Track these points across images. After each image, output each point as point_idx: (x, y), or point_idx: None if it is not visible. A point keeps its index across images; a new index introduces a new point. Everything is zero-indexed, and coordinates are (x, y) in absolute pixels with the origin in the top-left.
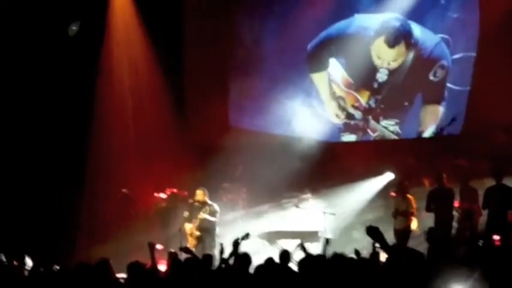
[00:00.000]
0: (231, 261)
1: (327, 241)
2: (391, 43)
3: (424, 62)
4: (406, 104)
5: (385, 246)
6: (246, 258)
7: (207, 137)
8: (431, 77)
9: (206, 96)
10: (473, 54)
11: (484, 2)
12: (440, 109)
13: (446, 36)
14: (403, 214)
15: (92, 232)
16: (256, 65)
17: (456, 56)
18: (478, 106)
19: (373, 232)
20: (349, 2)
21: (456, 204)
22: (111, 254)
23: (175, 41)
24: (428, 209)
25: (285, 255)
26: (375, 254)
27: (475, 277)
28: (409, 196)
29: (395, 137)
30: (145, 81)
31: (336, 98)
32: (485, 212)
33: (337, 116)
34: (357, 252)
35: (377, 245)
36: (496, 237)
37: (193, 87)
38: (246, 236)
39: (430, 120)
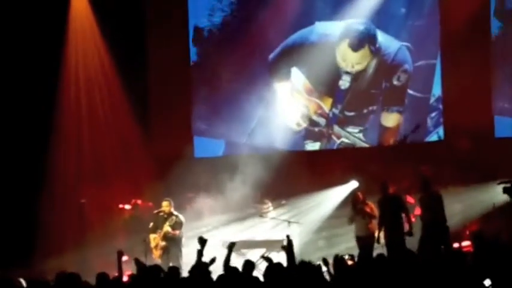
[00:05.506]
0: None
1: (284, 248)
2: (355, 46)
3: (388, 67)
4: (369, 110)
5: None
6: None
7: (170, 147)
8: (395, 82)
9: (169, 105)
10: (435, 61)
11: (445, 9)
12: (399, 115)
13: (407, 44)
14: (364, 216)
15: (49, 243)
16: (219, 74)
17: (418, 64)
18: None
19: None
20: (309, 11)
21: (418, 212)
22: (69, 266)
23: (137, 50)
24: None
25: (249, 264)
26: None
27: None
28: (369, 203)
29: (361, 142)
30: (107, 90)
31: (299, 107)
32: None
33: (298, 124)
34: (324, 260)
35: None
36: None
37: (157, 96)
38: (203, 243)
39: (391, 126)
